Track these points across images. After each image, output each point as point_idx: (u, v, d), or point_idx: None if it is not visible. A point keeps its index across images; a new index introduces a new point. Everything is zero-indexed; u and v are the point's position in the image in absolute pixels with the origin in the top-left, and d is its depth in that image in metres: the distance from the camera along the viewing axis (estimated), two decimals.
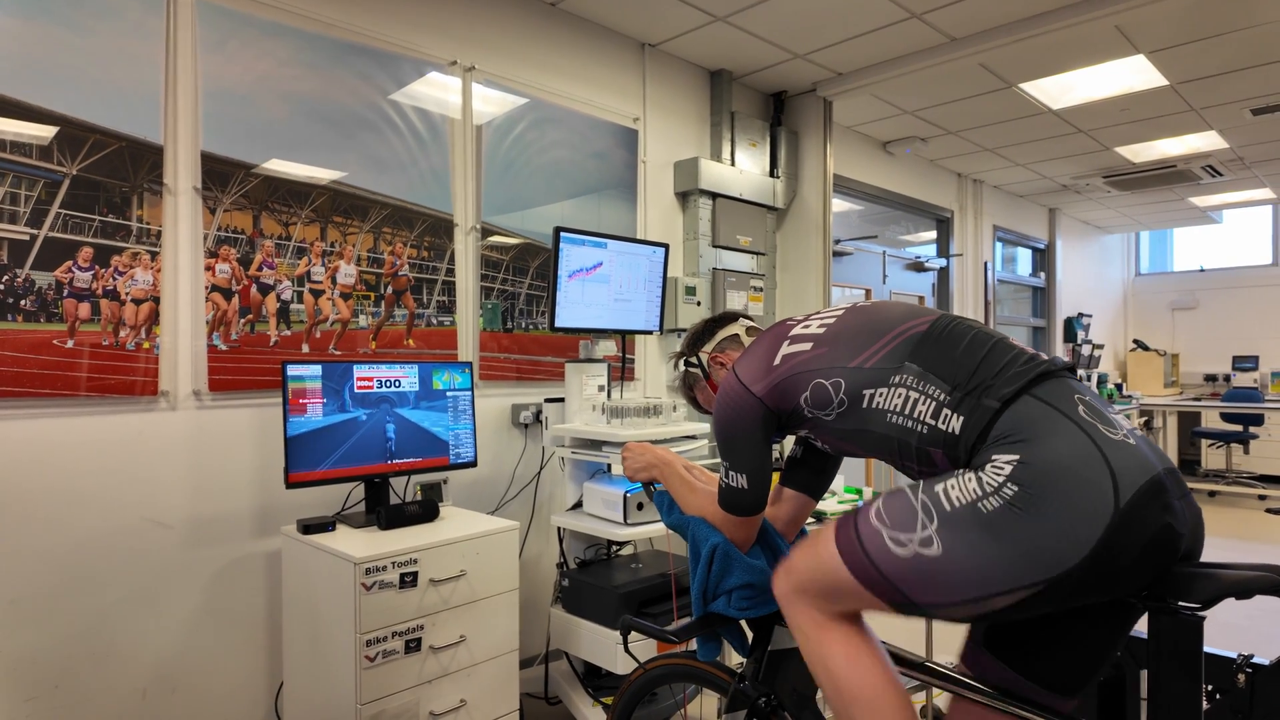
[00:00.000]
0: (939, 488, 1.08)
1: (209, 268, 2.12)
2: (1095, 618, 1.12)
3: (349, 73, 2.35)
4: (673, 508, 1.49)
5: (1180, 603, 1.02)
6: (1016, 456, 1.03)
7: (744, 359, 1.35)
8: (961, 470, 1.09)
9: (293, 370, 2.04)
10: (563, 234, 2.43)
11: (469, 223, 2.69)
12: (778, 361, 1.28)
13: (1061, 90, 3.83)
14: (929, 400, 1.13)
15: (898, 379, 1.17)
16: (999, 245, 5.97)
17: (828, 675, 1.14)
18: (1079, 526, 0.98)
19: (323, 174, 2.32)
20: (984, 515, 1.03)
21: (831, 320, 1.30)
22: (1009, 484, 1.03)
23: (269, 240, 2.22)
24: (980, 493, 1.04)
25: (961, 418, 1.10)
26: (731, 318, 1.54)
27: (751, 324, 1.53)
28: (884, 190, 4.64)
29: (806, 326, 1.31)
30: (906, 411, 1.15)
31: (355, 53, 2.37)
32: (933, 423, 1.13)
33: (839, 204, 4.48)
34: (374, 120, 2.43)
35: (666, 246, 2.76)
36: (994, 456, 1.05)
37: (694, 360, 1.51)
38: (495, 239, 2.75)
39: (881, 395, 1.17)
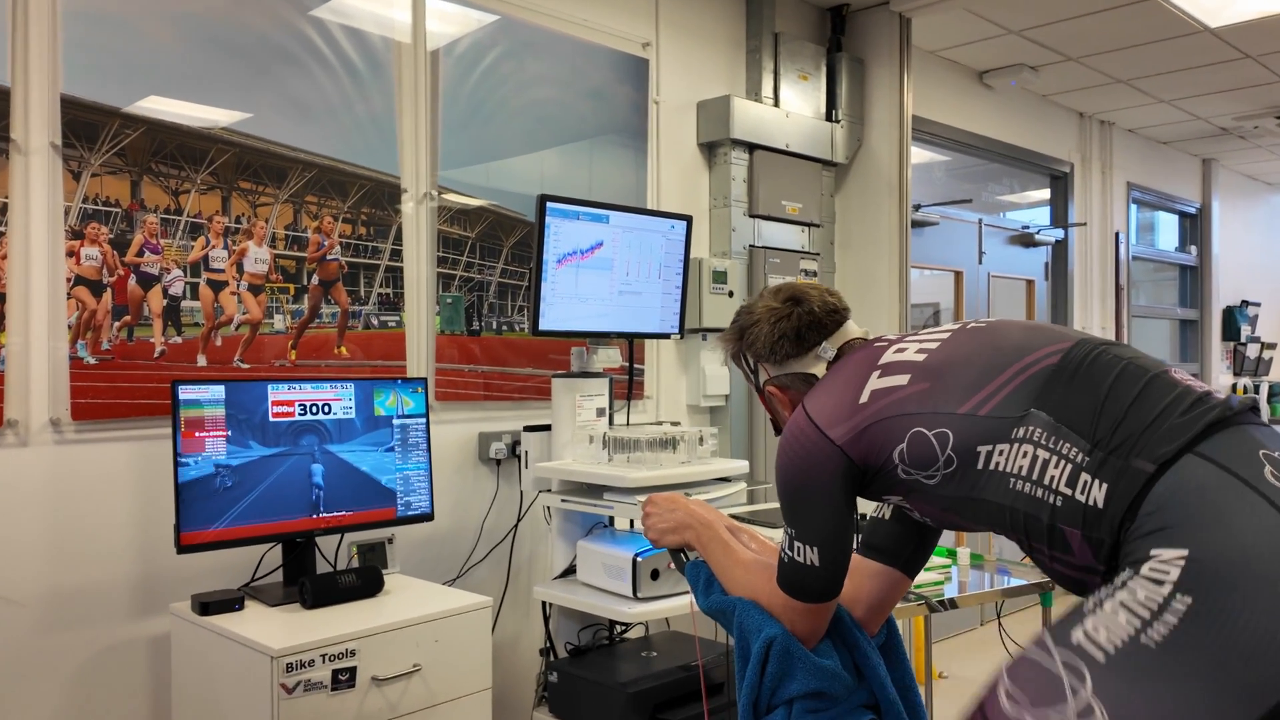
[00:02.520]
0: (1078, 632, 1.06)
1: (71, 253, 2.12)
2: None
3: None
4: (712, 585, 1.49)
5: None
6: (1183, 552, 1.02)
7: (819, 392, 1.35)
8: (1103, 591, 1.07)
9: (186, 392, 2.04)
10: (550, 204, 2.43)
11: (421, 187, 2.70)
12: (865, 399, 1.28)
13: (1223, 2, 3.84)
14: (1063, 462, 1.13)
15: (1022, 432, 1.17)
16: (1134, 210, 5.98)
17: None
18: None
19: (223, 117, 2.33)
20: (1154, 653, 1.00)
21: (935, 345, 1.29)
22: (1178, 596, 1.00)
23: (152, 215, 2.22)
24: (1140, 620, 1.02)
25: (1105, 485, 1.10)
26: (833, 320, 1.44)
27: (863, 334, 1.47)
28: (980, 137, 4.64)
29: (902, 351, 1.32)
30: (1035, 477, 1.15)
31: None
32: (1068, 492, 1.12)
33: (919, 155, 4.48)
34: (292, 48, 2.44)
35: (689, 219, 2.76)
36: (1152, 553, 1.04)
37: (748, 368, 1.51)
38: (456, 204, 2.76)
39: (1001, 454, 1.17)
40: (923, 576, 2.36)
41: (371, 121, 2.59)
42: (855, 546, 1.49)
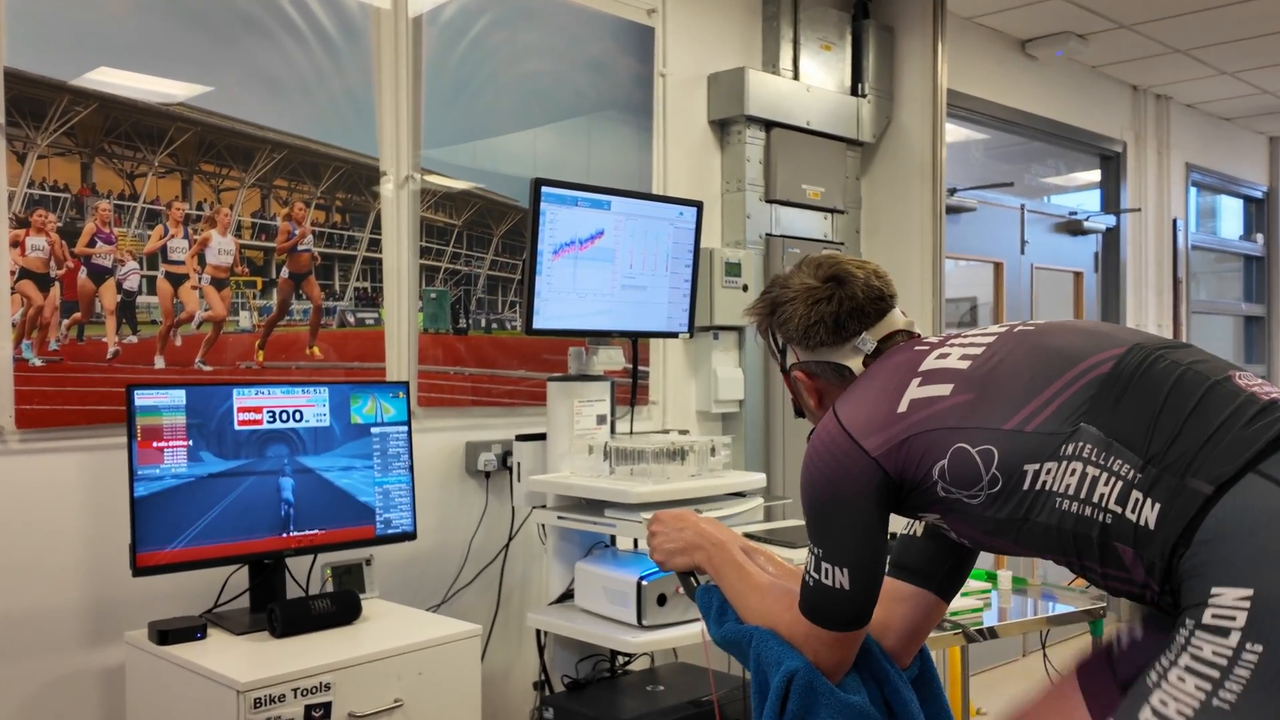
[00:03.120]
0: (1145, 712, 1.06)
1: (16, 243, 2.12)
2: None
3: None
4: (726, 612, 1.49)
5: None
6: (1247, 591, 1.01)
7: (852, 396, 1.35)
8: (1164, 658, 1.07)
9: (143, 397, 2.04)
10: (545, 189, 2.44)
11: (402, 169, 2.69)
12: (904, 408, 1.29)
13: None
14: (1113, 479, 1.14)
15: (1071, 449, 1.17)
16: (1194, 194, 5.97)
17: None
18: None
19: (183, 91, 2.33)
20: (1230, 717, 1.00)
21: (980, 350, 1.31)
22: (1247, 645, 1.00)
23: (105, 201, 2.22)
24: (1210, 682, 1.01)
25: (1157, 505, 1.10)
26: (877, 309, 1.44)
27: (908, 324, 1.47)
28: (1022, 113, 4.63)
29: (944, 357, 1.33)
30: (1083, 495, 1.16)
31: None
32: (1118, 510, 1.13)
33: (954, 133, 4.47)
34: (259, 15, 2.43)
35: (699, 205, 2.77)
36: (1213, 592, 1.03)
37: (775, 346, 1.53)
38: (441, 188, 2.76)
39: (1049, 473, 1.18)
40: (959, 602, 2.36)
41: (347, 97, 2.58)
42: (888, 567, 1.48)
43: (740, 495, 2.46)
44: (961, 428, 1.24)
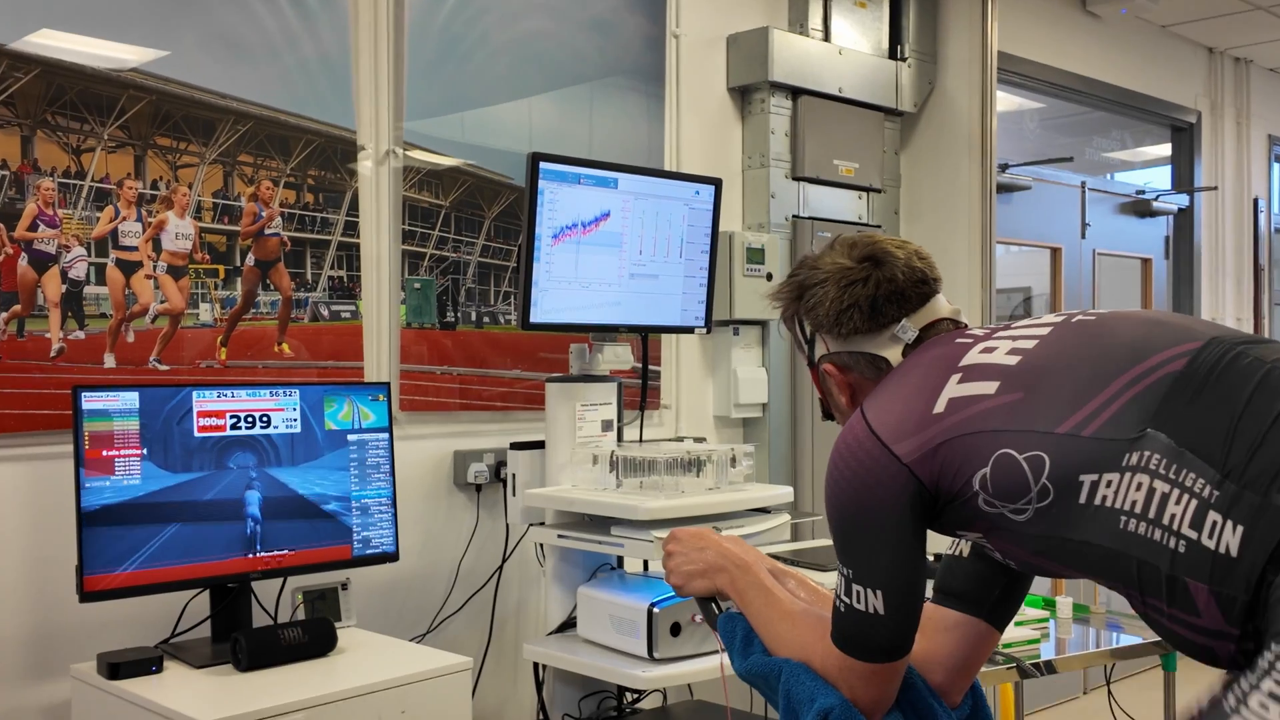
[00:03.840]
0: None
1: None
2: None
3: None
4: (751, 643, 1.49)
5: None
6: None
7: (881, 395, 1.35)
8: (1244, 682, 1.06)
9: (90, 400, 2.03)
10: (544, 165, 2.42)
11: (382, 143, 2.69)
12: (940, 408, 1.28)
13: None
14: (1185, 496, 1.11)
15: (1136, 458, 1.15)
16: (1277, 170, 5.94)
17: None
18: None
19: (136, 56, 2.32)
20: None
21: (1031, 344, 1.30)
22: None
23: (48, 179, 2.21)
24: None
25: (1239, 528, 1.08)
26: (919, 293, 1.44)
27: (954, 313, 1.48)
28: (1083, 79, 4.61)
29: (990, 351, 1.31)
30: (1151, 515, 1.13)
31: None
32: (1192, 535, 1.10)
33: (1006, 101, 4.45)
34: None
35: (717, 183, 2.75)
36: None
37: (802, 336, 1.53)
38: (425, 164, 2.76)
39: (1110, 486, 1.16)
40: (1012, 632, 2.35)
41: (320, 62, 2.57)
42: (932, 591, 1.48)
43: (764, 511, 2.45)
44: (1007, 430, 1.22)
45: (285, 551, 2.25)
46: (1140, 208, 5.10)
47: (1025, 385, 1.25)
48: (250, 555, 2.20)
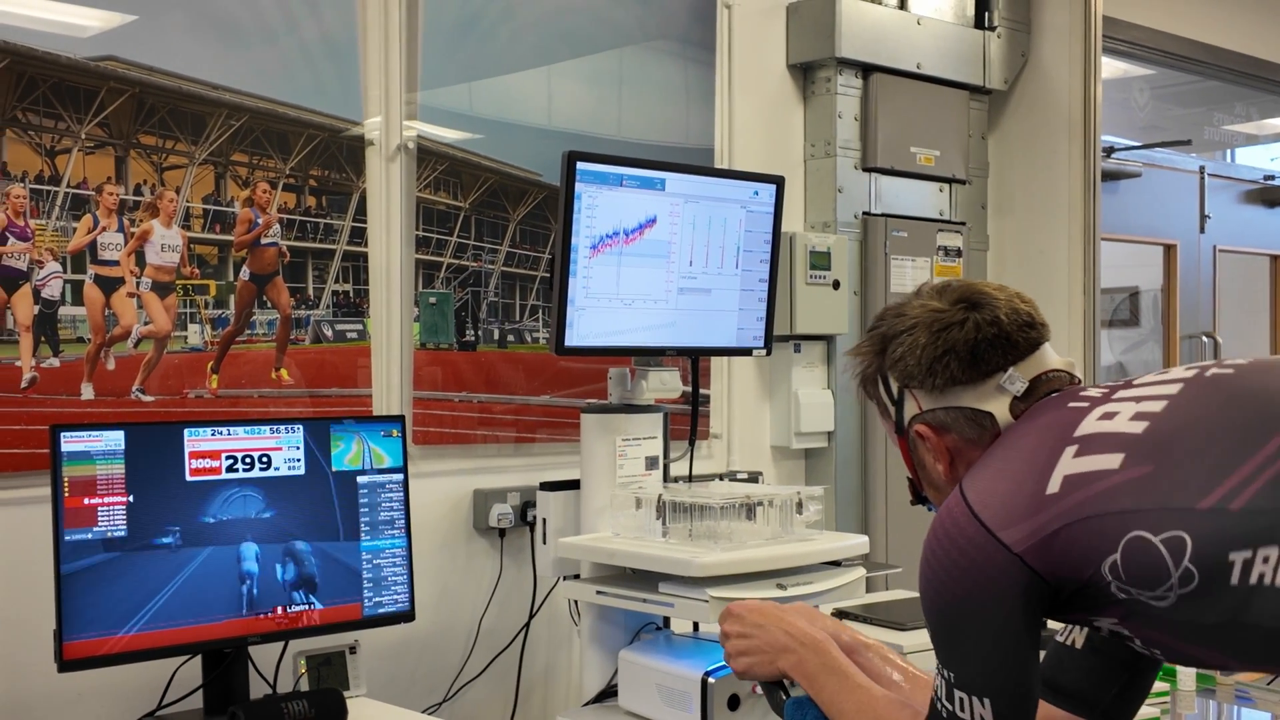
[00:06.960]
0: None
1: None
2: None
3: None
4: None
5: None
6: None
7: (984, 471, 1.34)
8: None
9: (71, 440, 2.02)
10: (581, 165, 2.38)
11: (393, 138, 2.69)
12: (1054, 487, 1.26)
13: None
14: None
15: None
16: None
17: None
18: None
19: (115, 44, 2.31)
20: None
21: (1160, 404, 1.29)
22: None
23: (18, 185, 2.21)
24: None
25: None
26: (1027, 339, 1.44)
27: (1066, 365, 1.48)
28: (1202, 46, 4.51)
29: (1110, 417, 1.30)
30: None
31: None
32: None
33: (1110, 68, 4.32)
34: None
35: (779, 181, 2.70)
36: None
37: (888, 397, 1.52)
38: (440, 151, 2.77)
39: (1268, 562, 1.16)
40: None
41: (324, 45, 2.59)
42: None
43: (835, 565, 2.40)
44: (1138, 510, 1.22)
45: (286, 611, 2.24)
46: (1269, 195, 5.04)
47: (1156, 455, 1.24)
48: (247, 616, 2.20)
